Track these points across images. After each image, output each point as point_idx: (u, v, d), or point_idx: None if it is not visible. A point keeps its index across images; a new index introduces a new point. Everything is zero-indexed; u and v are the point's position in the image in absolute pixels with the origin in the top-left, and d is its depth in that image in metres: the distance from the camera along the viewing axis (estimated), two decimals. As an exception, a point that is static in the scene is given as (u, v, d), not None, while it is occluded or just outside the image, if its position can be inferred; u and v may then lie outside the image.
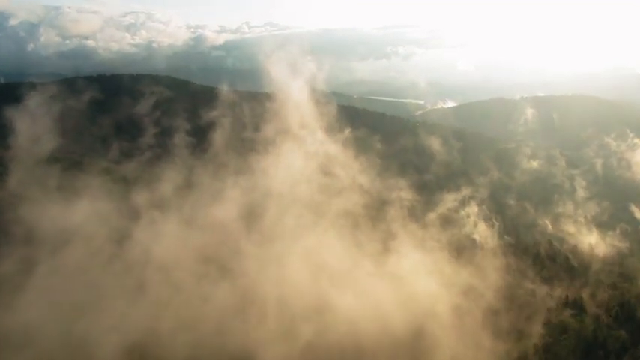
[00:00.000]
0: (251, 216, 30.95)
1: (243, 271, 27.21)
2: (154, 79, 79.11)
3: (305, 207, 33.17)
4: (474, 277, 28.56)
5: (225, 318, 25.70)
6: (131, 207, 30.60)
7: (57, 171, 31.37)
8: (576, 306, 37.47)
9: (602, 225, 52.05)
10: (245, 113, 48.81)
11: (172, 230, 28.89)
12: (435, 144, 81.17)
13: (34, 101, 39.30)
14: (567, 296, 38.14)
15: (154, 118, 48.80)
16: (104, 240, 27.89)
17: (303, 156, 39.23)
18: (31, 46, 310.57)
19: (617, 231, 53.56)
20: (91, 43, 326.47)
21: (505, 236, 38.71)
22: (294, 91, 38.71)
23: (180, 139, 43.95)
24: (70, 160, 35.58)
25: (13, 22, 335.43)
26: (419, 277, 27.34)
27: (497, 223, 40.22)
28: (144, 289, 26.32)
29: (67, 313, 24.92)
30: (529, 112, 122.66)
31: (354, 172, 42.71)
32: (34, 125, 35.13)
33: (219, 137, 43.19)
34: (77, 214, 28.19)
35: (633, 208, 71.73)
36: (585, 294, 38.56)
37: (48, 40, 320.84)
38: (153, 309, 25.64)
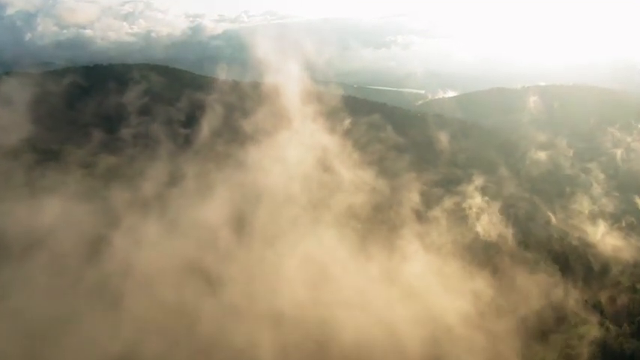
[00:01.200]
0: (244, 217, 27.37)
1: (235, 281, 23.68)
2: (146, 68, 74.65)
3: (304, 206, 29.64)
4: (497, 287, 25.13)
5: (214, 335, 22.24)
6: (110, 207, 26.95)
7: (27, 163, 27.71)
8: (596, 311, 34.25)
9: (612, 219, 48.75)
10: (241, 104, 45.06)
11: (156, 235, 25.27)
12: (437, 135, 77.73)
13: (9, 90, 35.56)
14: (586, 301, 34.89)
15: (142, 109, 44.98)
16: (78, 245, 24.30)
17: (301, 149, 35.74)
18: (28, 36, 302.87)
19: (623, 223, 50.39)
20: (88, 32, 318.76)
21: (521, 234, 35.15)
22: (293, 81, 36.88)
23: (169, 131, 40.17)
24: (45, 151, 31.87)
25: (9, 11, 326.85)
26: (435, 288, 23.88)
27: (511, 220, 36.70)
28: (123, 303, 22.76)
29: (32, 331, 21.45)
30: (531, 101, 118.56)
31: (355, 166, 39.21)
32: (5, 114, 31.46)
33: (211, 129, 39.49)
34: (47, 215, 24.56)
35: (637, 200, 68.46)
36: (604, 297, 35.25)
37: (45, 30, 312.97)
38: (133, 326, 22.09)
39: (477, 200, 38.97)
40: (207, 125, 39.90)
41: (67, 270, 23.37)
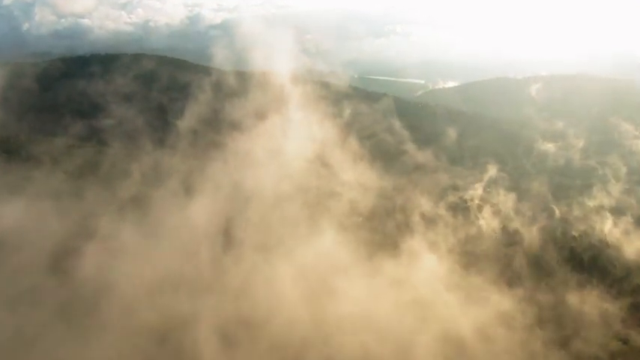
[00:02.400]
0: (234, 221, 23.82)
1: (224, 296, 20.24)
2: (140, 57, 70.34)
3: (301, 207, 26.12)
4: (534, 303, 21.73)
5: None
6: (83, 208, 23.31)
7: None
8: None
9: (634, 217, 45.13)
10: (238, 94, 41.38)
11: (136, 243, 21.67)
12: (440, 125, 74.27)
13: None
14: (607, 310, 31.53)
15: (129, 98, 41.11)
16: (44, 254, 20.80)
17: (299, 142, 32.21)
18: (25, 25, 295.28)
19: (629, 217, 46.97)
20: (86, 21, 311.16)
21: (545, 235, 31.63)
22: (292, 71, 35.16)
23: (157, 122, 36.32)
24: (7, 142, 27.87)
25: (7, 0, 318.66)
26: (456, 303, 20.45)
27: (529, 218, 33.16)
28: (97, 323, 19.30)
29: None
30: (534, 91, 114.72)
31: (357, 160, 35.67)
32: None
33: (202, 120, 35.74)
34: (6, 217, 21.00)
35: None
36: (624, 305, 31.87)
37: (43, 19, 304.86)
38: (109, 351, 18.68)
39: (491, 197, 35.48)
40: (198, 116, 36.16)
41: (31, 284, 19.91)
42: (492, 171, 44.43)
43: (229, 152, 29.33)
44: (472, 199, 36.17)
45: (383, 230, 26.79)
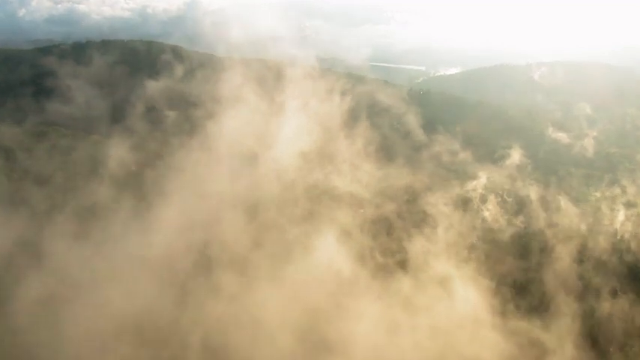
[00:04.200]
0: (217, 233, 19.01)
1: (198, 332, 15.62)
2: (133, 43, 64.48)
3: (297, 214, 21.40)
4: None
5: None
6: (25, 224, 18.39)
7: None
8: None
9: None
10: (233, 82, 36.53)
11: (89, 273, 16.89)
12: (444, 113, 69.54)
13: None
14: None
15: (107, 87, 36.02)
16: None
17: (297, 135, 27.54)
18: (21, 12, 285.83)
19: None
20: (83, 7, 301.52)
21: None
22: (291, 58, 33.82)
23: (135, 112, 31.26)
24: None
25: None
26: (487, 336, 15.95)
27: (549, 216, 28.51)
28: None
29: None
30: (538, 77, 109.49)
31: (358, 154, 30.95)
32: None
33: (189, 113, 30.75)
34: None
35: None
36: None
37: (39, 5, 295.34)
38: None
39: (508, 193, 30.82)
40: (179, 104, 31.30)
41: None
42: (515, 157, 40.10)
43: (216, 148, 24.40)
44: (476, 190, 31.72)
45: (392, 235, 22.06)
